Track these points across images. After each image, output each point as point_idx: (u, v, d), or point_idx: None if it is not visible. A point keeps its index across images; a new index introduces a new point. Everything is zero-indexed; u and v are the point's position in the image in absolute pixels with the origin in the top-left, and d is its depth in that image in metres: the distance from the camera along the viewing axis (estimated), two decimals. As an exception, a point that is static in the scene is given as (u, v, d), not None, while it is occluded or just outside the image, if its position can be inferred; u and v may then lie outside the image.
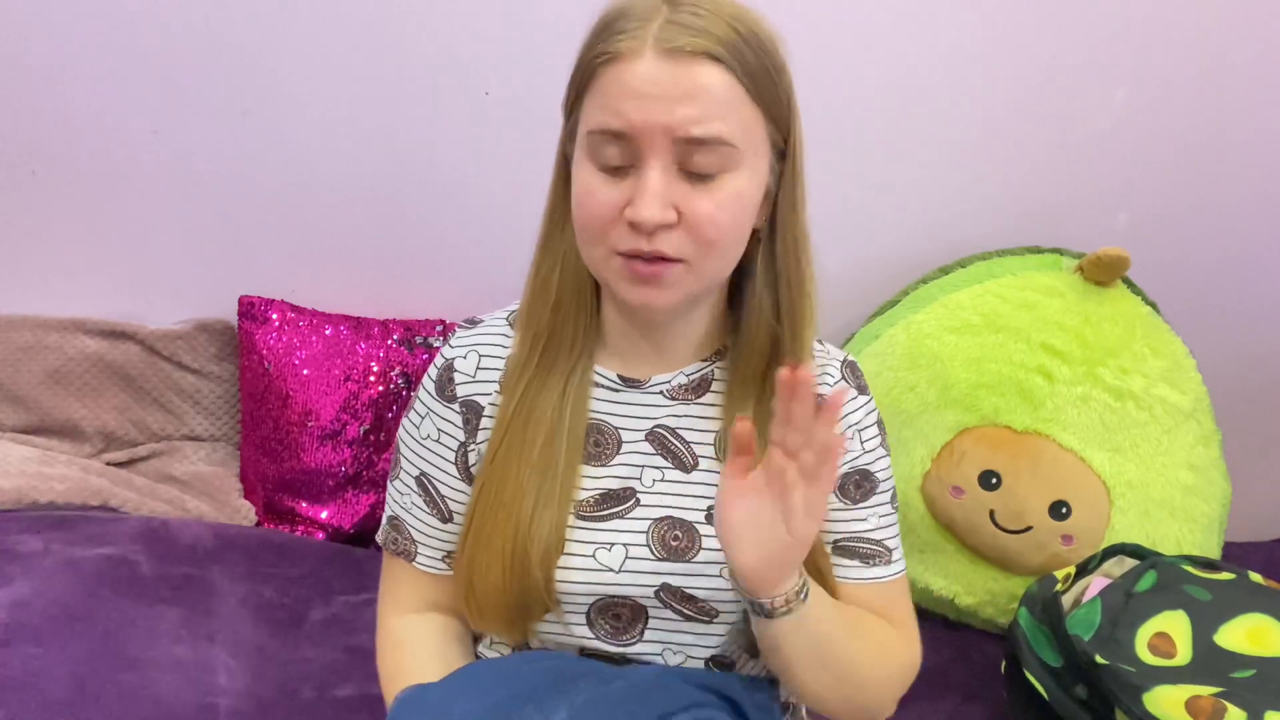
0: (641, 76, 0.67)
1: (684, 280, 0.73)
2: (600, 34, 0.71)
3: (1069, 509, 1.34)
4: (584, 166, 0.72)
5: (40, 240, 1.49)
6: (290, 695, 1.14)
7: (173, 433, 1.54)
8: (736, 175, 0.71)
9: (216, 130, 1.46)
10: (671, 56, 0.67)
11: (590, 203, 0.71)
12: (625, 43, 0.68)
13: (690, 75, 0.67)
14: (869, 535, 0.83)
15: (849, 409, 0.83)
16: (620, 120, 0.68)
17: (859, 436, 0.83)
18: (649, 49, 0.68)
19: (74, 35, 1.39)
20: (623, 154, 0.70)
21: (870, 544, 0.83)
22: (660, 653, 0.79)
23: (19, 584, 1.18)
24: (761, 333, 0.79)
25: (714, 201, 0.70)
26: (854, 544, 0.83)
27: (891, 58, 1.51)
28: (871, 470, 0.83)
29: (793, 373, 0.62)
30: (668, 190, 0.69)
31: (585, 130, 0.71)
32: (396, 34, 1.43)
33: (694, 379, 0.82)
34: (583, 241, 0.74)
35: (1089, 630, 1.14)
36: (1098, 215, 1.62)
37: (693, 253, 0.71)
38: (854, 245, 1.59)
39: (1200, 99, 1.56)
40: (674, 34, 0.67)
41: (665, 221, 0.69)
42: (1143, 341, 1.39)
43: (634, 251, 0.70)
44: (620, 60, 0.68)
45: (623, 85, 0.68)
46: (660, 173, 0.69)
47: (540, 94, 1.52)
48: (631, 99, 0.68)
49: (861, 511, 0.83)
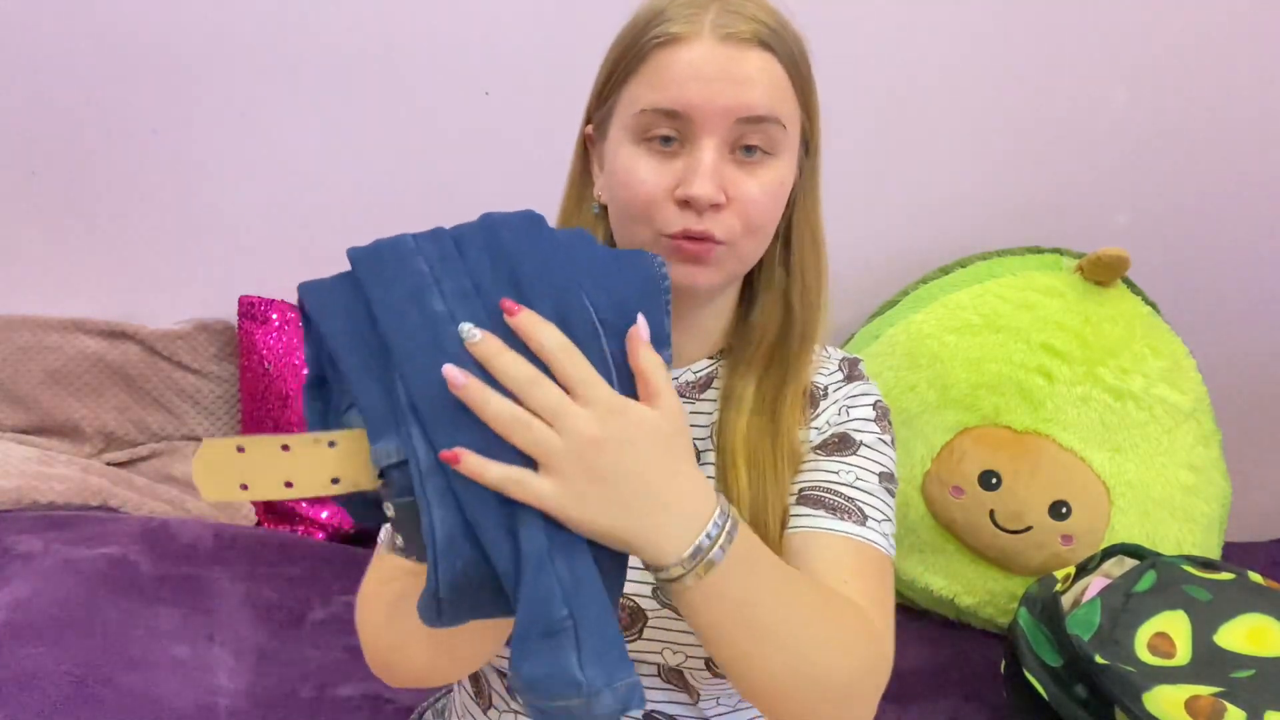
0: (702, 58, 0.70)
1: (726, 261, 0.74)
2: (652, 19, 0.72)
3: (1069, 509, 1.34)
4: (628, 148, 0.73)
5: (40, 240, 1.49)
6: (290, 695, 1.14)
7: (173, 433, 1.54)
8: (779, 162, 0.73)
9: (216, 130, 1.46)
10: (729, 42, 0.70)
11: (636, 183, 0.72)
12: (682, 27, 0.70)
13: (748, 59, 0.70)
14: (839, 488, 0.75)
15: (838, 388, 0.82)
16: (678, 100, 0.70)
17: (847, 411, 0.81)
18: (707, 32, 0.70)
19: (74, 35, 1.39)
20: (675, 130, 0.71)
21: (840, 497, 0.75)
22: (660, 651, 0.79)
23: (19, 584, 1.18)
24: (771, 326, 0.79)
25: (760, 184, 0.72)
26: (820, 494, 0.75)
27: (891, 57, 1.51)
28: (851, 435, 0.79)
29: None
30: (719, 170, 0.71)
31: (636, 109, 0.72)
32: (396, 34, 1.43)
33: (701, 377, 0.82)
34: (628, 221, 0.74)
35: (1089, 630, 1.14)
36: (1098, 215, 1.62)
37: (738, 235, 0.72)
38: (854, 245, 1.58)
39: (1200, 98, 1.56)
40: (730, 20, 0.70)
41: (717, 200, 0.70)
42: (1143, 341, 1.39)
43: (683, 232, 0.71)
44: (678, 42, 0.70)
45: (683, 66, 0.70)
46: (713, 152, 0.70)
47: (540, 94, 1.53)
48: (692, 79, 0.70)
49: (834, 463, 0.77)
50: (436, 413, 0.51)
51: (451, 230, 0.58)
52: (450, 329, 0.52)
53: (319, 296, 0.57)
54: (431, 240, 0.56)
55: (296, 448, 0.53)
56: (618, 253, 0.61)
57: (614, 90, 0.75)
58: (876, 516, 0.75)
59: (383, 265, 0.55)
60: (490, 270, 0.55)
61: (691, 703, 0.81)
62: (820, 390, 0.82)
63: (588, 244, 0.59)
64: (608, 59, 0.76)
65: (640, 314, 0.56)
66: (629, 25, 0.75)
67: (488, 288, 0.54)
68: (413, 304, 0.53)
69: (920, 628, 1.45)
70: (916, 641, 1.41)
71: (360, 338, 0.54)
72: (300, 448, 0.53)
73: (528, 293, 0.54)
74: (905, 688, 1.30)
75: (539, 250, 0.56)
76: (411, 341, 0.52)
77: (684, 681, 0.80)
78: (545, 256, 0.56)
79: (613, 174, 0.75)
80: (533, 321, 0.53)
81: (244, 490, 0.52)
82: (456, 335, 0.52)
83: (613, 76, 0.75)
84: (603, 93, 0.76)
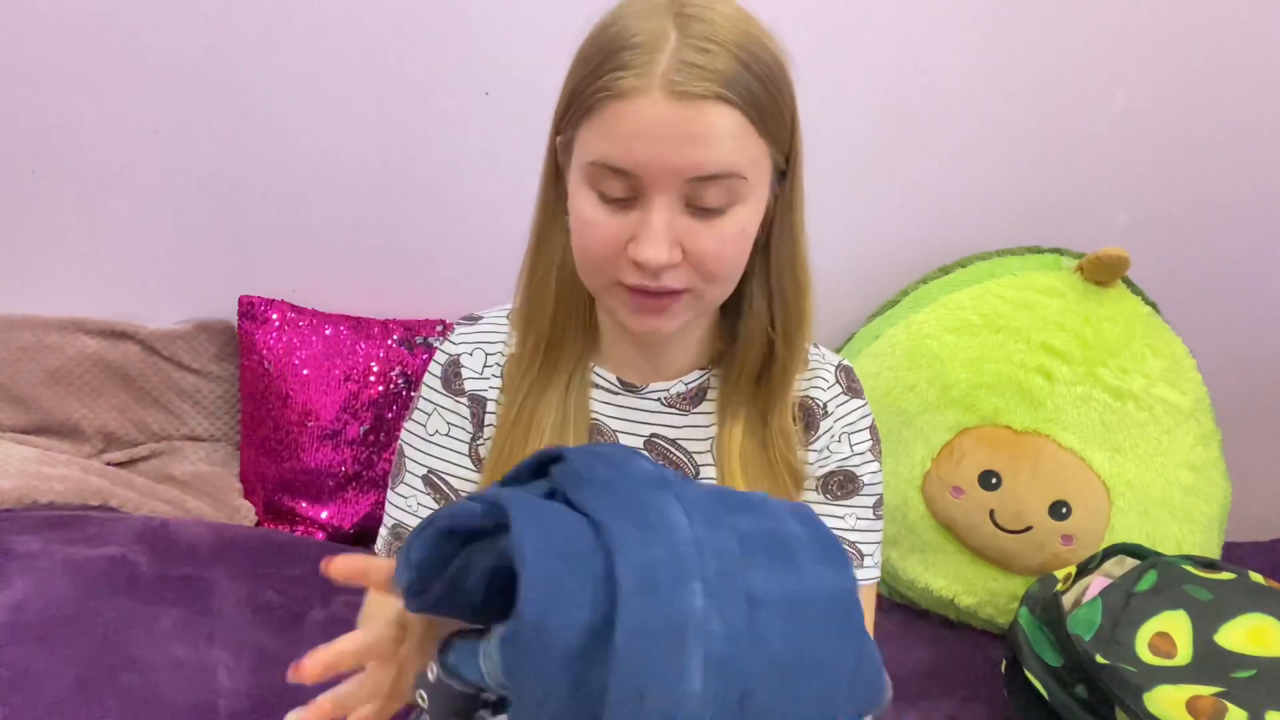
0: (649, 119, 0.65)
1: (690, 307, 0.72)
2: (603, 61, 0.67)
3: (1069, 509, 1.34)
4: (583, 195, 0.70)
5: (40, 240, 1.49)
6: (290, 695, 1.14)
7: (173, 433, 1.54)
8: (742, 208, 0.69)
9: (216, 130, 1.46)
10: (681, 99, 0.65)
11: (590, 235, 0.70)
12: (630, 81, 0.65)
13: (701, 117, 0.65)
14: (843, 534, 0.80)
15: (843, 411, 0.82)
16: (626, 159, 0.66)
17: (848, 439, 0.82)
18: (656, 89, 0.65)
19: (74, 35, 1.39)
20: (625, 188, 0.68)
21: (844, 544, 0.78)
22: None
23: (19, 584, 1.18)
24: (756, 341, 0.78)
25: (718, 237, 0.69)
26: None
27: (891, 57, 1.51)
28: (857, 473, 0.82)
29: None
30: (672, 228, 0.67)
31: (586, 160, 0.69)
32: (396, 34, 1.43)
33: (692, 388, 0.82)
34: (583, 271, 0.73)
35: (1089, 630, 1.14)
36: (1098, 215, 1.62)
37: (698, 282, 0.71)
38: (854, 245, 1.59)
39: (1200, 99, 1.56)
40: (684, 76, 0.64)
41: (671, 263, 0.68)
42: (1143, 341, 1.39)
43: (639, 287, 0.70)
44: (625, 98, 0.65)
45: (628, 124, 0.66)
46: (665, 212, 0.67)
47: (540, 94, 1.52)
48: (638, 139, 0.65)
49: (839, 509, 0.81)
50: None
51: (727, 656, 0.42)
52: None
53: (555, 637, 0.41)
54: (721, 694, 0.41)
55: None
56: (871, 664, 0.48)
57: (572, 123, 0.71)
58: (869, 549, 0.81)
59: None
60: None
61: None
62: (820, 407, 0.82)
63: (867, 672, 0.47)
64: (566, 82, 0.72)
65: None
66: (583, 54, 0.70)
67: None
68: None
69: (920, 628, 1.45)
70: (917, 641, 1.41)
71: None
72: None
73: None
74: (905, 688, 1.30)
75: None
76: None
77: None
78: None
79: (572, 215, 0.72)
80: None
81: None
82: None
83: (569, 110, 0.71)
84: (564, 117, 0.73)
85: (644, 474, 0.48)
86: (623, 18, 0.69)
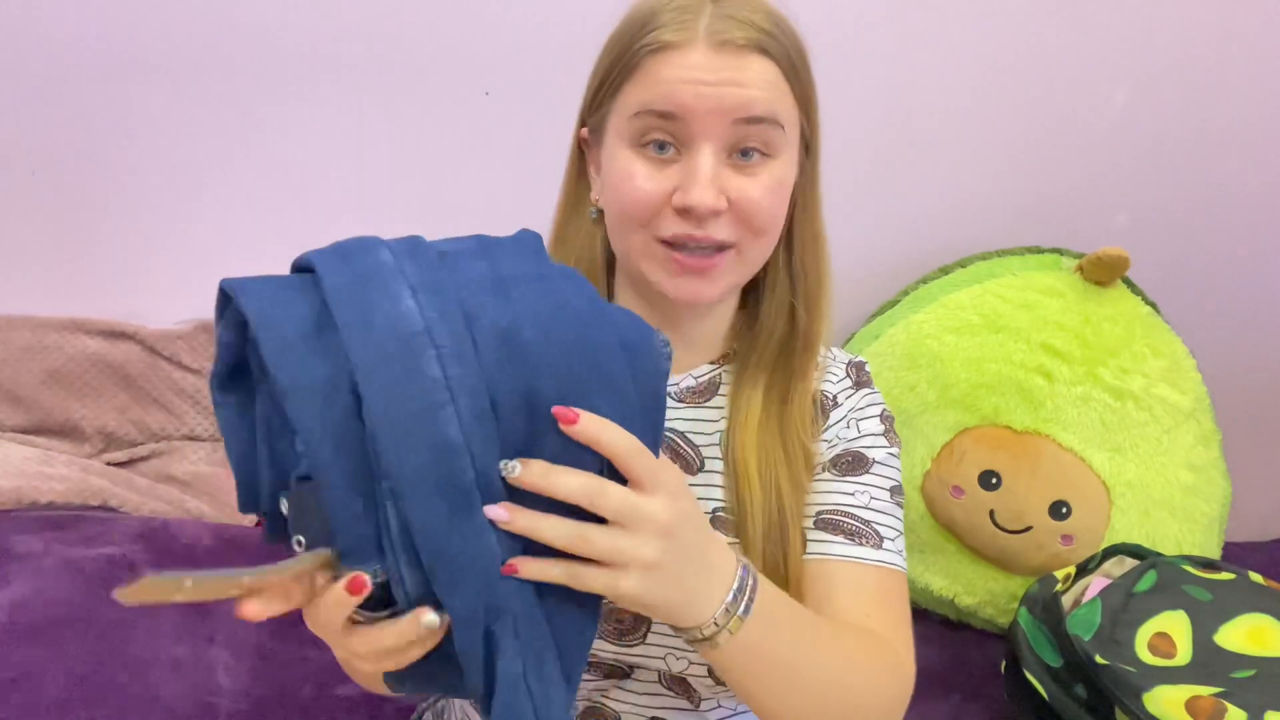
0: (695, 64, 0.68)
1: (733, 269, 0.73)
2: (644, 24, 0.70)
3: (1069, 509, 1.34)
4: (623, 152, 0.71)
5: (40, 240, 1.49)
6: (290, 695, 1.14)
7: (173, 433, 1.54)
8: (779, 162, 0.71)
9: (217, 130, 1.46)
10: (724, 49, 0.68)
11: (632, 189, 0.70)
12: (674, 33, 0.68)
13: (743, 64, 0.68)
14: (856, 511, 0.76)
15: (852, 401, 0.82)
16: (673, 103, 0.68)
17: (856, 425, 0.81)
18: (701, 39, 0.68)
19: (74, 35, 1.39)
20: (670, 136, 0.69)
21: (857, 520, 0.76)
22: (664, 656, 0.79)
23: (19, 584, 1.18)
24: (777, 328, 0.79)
25: (762, 187, 0.70)
26: (838, 518, 0.76)
27: (891, 57, 1.51)
28: (865, 454, 0.80)
29: None
30: (718, 176, 0.69)
31: (630, 112, 0.70)
32: (396, 34, 1.43)
33: (702, 382, 0.81)
34: (622, 228, 0.73)
35: (1089, 630, 1.14)
36: (1098, 215, 1.62)
37: (742, 238, 0.71)
38: (854, 245, 1.58)
39: (1201, 99, 1.56)
40: (725, 26, 0.68)
41: (718, 207, 0.69)
42: (1143, 341, 1.39)
43: (683, 237, 0.70)
44: (671, 49, 0.68)
45: (676, 71, 0.68)
46: (712, 157, 0.69)
47: (540, 94, 1.53)
48: (687, 84, 0.68)
49: (849, 484, 0.78)
50: (439, 552, 0.47)
51: (451, 278, 0.51)
52: (462, 462, 0.47)
53: (276, 330, 0.48)
54: (440, 314, 0.49)
55: (252, 582, 0.47)
56: (623, 324, 0.55)
57: (608, 96, 0.73)
58: (890, 535, 0.76)
59: (382, 344, 0.47)
60: (510, 379, 0.49)
61: (693, 707, 0.81)
62: (830, 400, 0.82)
63: (600, 320, 0.53)
64: (600, 63, 0.74)
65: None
66: (620, 30, 0.73)
67: (503, 402, 0.49)
68: (424, 427, 0.47)
69: (920, 628, 1.43)
70: (916, 641, 1.41)
71: (337, 424, 0.47)
72: (257, 581, 0.47)
73: (539, 422, 0.50)
74: (905, 688, 1.30)
75: (564, 353, 0.51)
76: (416, 474, 0.46)
77: (686, 687, 0.80)
78: (570, 365, 0.51)
79: (609, 179, 0.73)
80: (598, 427, 0.50)
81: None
82: (469, 468, 0.47)
83: (606, 82, 0.73)
84: (596, 97, 0.75)
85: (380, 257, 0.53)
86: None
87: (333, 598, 0.48)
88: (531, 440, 0.50)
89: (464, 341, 0.49)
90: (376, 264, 0.50)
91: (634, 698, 0.81)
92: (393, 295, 0.49)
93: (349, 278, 0.49)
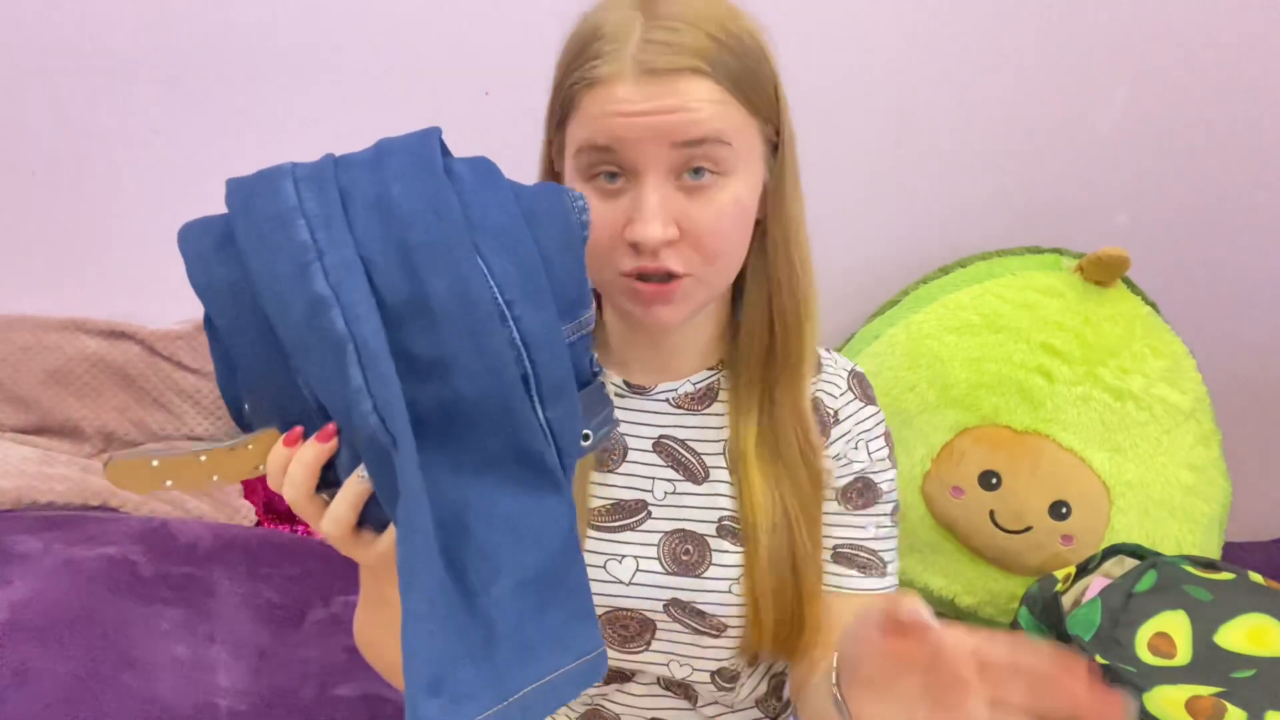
0: (624, 98, 0.66)
1: (693, 293, 0.71)
2: (577, 56, 0.69)
3: (1069, 509, 1.34)
4: (577, 185, 0.70)
5: (40, 240, 1.49)
6: (290, 695, 1.14)
7: (173, 433, 1.54)
8: (733, 180, 0.69)
9: (216, 130, 1.46)
10: (654, 77, 0.65)
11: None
12: (604, 67, 0.66)
13: (675, 89, 0.66)
14: (866, 544, 0.80)
15: (856, 418, 0.82)
16: (608, 136, 0.67)
17: (866, 447, 0.81)
18: (629, 71, 0.66)
19: (74, 36, 1.39)
20: (618, 166, 0.68)
21: (867, 553, 0.80)
22: (666, 664, 0.79)
23: (19, 584, 1.18)
24: (759, 333, 0.77)
25: (714, 210, 0.68)
26: (852, 552, 0.80)
27: (891, 57, 1.51)
28: (875, 481, 0.81)
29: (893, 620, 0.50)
30: (666, 206, 0.67)
31: (574, 149, 0.69)
32: (396, 34, 1.43)
33: (700, 388, 0.81)
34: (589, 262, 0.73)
35: (1089, 630, 1.14)
36: (1098, 215, 1.62)
37: (699, 265, 0.69)
38: (854, 245, 1.59)
39: (1200, 99, 1.56)
40: (653, 54, 0.65)
41: (668, 239, 0.67)
42: (1143, 341, 1.39)
43: (639, 270, 0.69)
44: (600, 85, 0.67)
45: (605, 105, 0.66)
46: (657, 189, 0.67)
47: (540, 94, 1.52)
48: (616, 116, 0.66)
49: (861, 519, 0.80)
50: (331, 401, 0.52)
51: (339, 173, 0.55)
52: (332, 313, 0.50)
53: (194, 247, 0.55)
54: (316, 194, 0.52)
55: (212, 458, 0.53)
56: (528, 193, 0.57)
57: (560, 124, 0.72)
58: (890, 559, 0.81)
59: (260, 226, 0.52)
60: (380, 236, 0.52)
61: (691, 706, 0.81)
62: (831, 414, 0.81)
63: (491, 186, 0.56)
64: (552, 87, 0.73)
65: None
66: (561, 58, 0.71)
67: (376, 259, 0.51)
68: (296, 287, 0.50)
69: (920, 628, 1.45)
70: (916, 641, 1.41)
71: (247, 314, 0.52)
72: (216, 456, 0.54)
73: (420, 269, 0.51)
74: (905, 688, 1.30)
75: (434, 206, 0.52)
76: (296, 331, 0.50)
77: (686, 689, 0.80)
78: (440, 215, 0.52)
79: None
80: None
81: (169, 486, 0.54)
82: (339, 319, 0.50)
83: (552, 115, 0.73)
84: (551, 121, 0.74)
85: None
86: (592, 15, 0.70)
87: (310, 454, 0.54)
88: (414, 294, 0.51)
89: (334, 207, 0.52)
90: (273, 170, 0.55)
91: (633, 699, 0.81)
92: (274, 186, 0.53)
93: (247, 186, 0.55)
